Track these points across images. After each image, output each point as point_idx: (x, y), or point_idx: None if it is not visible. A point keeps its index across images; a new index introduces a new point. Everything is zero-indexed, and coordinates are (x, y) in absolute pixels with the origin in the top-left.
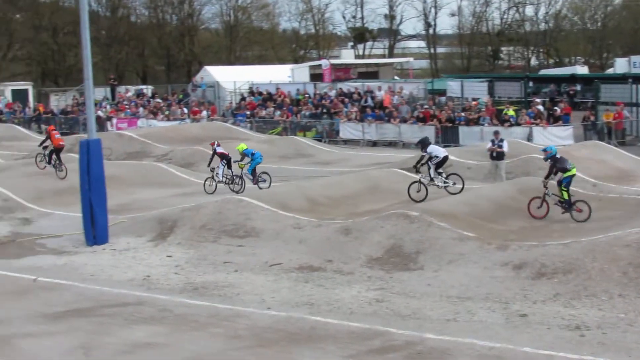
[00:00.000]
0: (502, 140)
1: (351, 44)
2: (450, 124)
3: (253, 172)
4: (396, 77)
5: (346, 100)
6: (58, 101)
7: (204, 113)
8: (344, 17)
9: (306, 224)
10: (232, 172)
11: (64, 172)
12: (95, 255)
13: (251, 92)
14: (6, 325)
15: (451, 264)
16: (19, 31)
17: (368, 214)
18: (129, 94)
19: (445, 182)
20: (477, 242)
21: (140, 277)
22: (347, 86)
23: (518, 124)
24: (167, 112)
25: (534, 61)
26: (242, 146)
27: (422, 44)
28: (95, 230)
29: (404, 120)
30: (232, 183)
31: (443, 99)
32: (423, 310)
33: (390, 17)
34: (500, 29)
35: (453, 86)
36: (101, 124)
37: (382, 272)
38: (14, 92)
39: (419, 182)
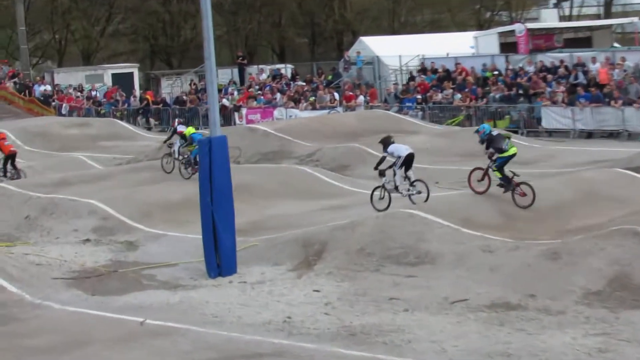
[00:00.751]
0: None
1: (554, 1)
2: None
3: (195, 159)
4: (616, 45)
5: (549, 77)
6: (171, 87)
7: (361, 99)
8: None
9: (499, 246)
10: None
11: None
12: (220, 290)
13: (422, 70)
14: None
15: None
16: None
17: (583, 231)
18: (263, 75)
19: (409, 190)
20: None
21: (279, 318)
22: (549, 58)
23: None
24: (312, 99)
25: None
26: (190, 130)
27: None
28: (220, 257)
29: (630, 103)
30: (187, 166)
31: None
32: None
33: None
34: None
35: None
36: (227, 115)
37: (605, 311)
38: (115, 76)
39: (382, 187)
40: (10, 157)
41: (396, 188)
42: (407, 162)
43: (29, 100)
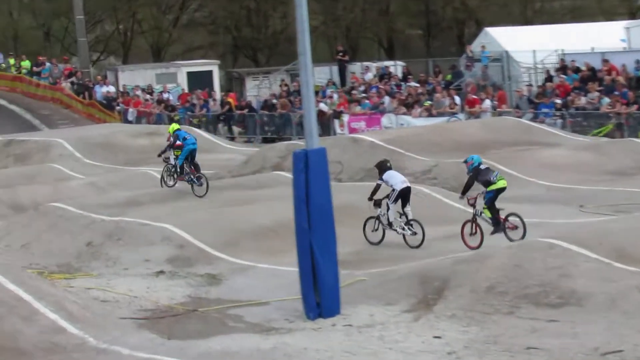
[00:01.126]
0: None
1: None
2: None
3: (184, 164)
4: None
5: None
6: (258, 89)
7: (487, 103)
8: None
9: None
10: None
11: None
12: (321, 335)
13: (562, 68)
14: None
15: None
16: None
17: None
18: (368, 75)
19: (404, 230)
20: None
21: None
22: None
23: None
24: (427, 103)
25: None
26: (174, 126)
27: None
28: (320, 295)
29: None
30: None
31: None
32: None
33: None
34: None
35: None
36: (325, 123)
37: None
38: (191, 75)
39: (377, 218)
40: None
41: (390, 224)
42: (403, 196)
43: (88, 103)
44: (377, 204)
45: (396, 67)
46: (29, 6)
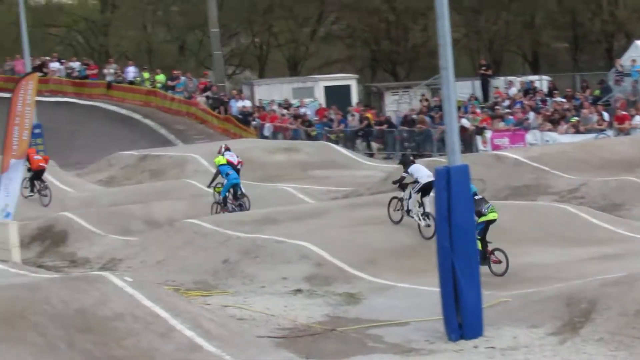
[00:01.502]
0: None
1: None
2: None
3: (226, 196)
4: None
5: None
6: (397, 104)
7: (637, 119)
8: None
9: None
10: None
11: (48, 197)
12: (463, 357)
13: None
14: None
15: None
16: None
17: None
18: (512, 90)
19: (419, 219)
20: None
21: None
22: None
23: None
24: (574, 119)
25: None
26: (220, 160)
27: None
28: (462, 316)
29: None
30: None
31: None
32: None
33: None
34: None
35: None
36: (467, 139)
37: None
38: (328, 90)
39: (400, 200)
40: (38, 172)
41: (408, 211)
42: (425, 189)
43: (224, 118)
44: (402, 187)
45: (541, 82)
46: (164, 19)
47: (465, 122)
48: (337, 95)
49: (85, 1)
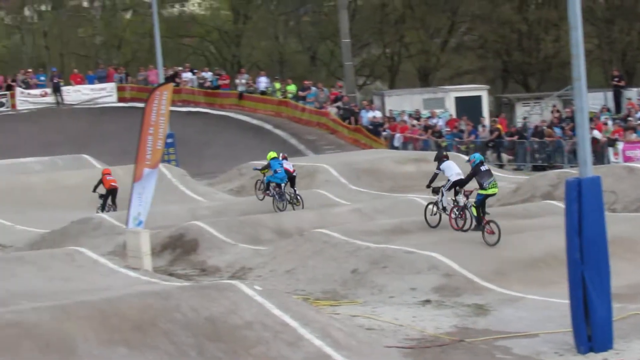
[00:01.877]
0: None
1: None
2: None
3: (268, 184)
4: None
5: None
6: (529, 114)
7: None
8: None
9: None
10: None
11: None
12: None
13: None
14: None
15: None
16: (463, 3)
17: None
18: None
19: (455, 214)
20: None
21: None
22: None
23: None
24: None
25: None
26: (271, 154)
27: None
28: (592, 328)
29: None
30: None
31: None
32: None
33: None
34: None
35: None
36: (599, 151)
37: None
38: (459, 100)
39: (435, 204)
40: (112, 192)
41: (444, 209)
42: (455, 186)
43: (354, 129)
44: (435, 191)
45: None
46: (295, 30)
47: (597, 134)
48: (467, 106)
49: (218, 12)
